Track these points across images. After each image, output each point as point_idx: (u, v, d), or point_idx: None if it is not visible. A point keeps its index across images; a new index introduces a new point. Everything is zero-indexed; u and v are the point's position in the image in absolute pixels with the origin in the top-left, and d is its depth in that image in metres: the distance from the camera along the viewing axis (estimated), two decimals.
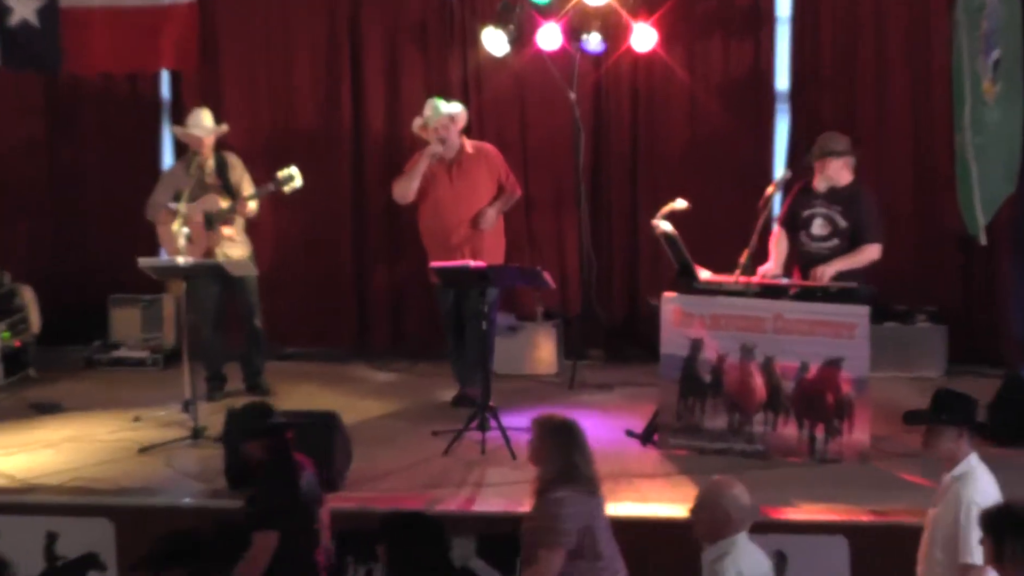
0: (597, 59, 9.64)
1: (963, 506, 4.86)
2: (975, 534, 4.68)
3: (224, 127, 9.06)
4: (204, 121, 8.94)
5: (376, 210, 10.08)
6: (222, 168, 8.93)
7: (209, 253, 8.80)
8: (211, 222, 8.82)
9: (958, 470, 4.97)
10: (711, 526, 4.86)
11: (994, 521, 4.35)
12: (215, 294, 8.85)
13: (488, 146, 8.75)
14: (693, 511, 4.92)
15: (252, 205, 8.84)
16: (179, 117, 9.81)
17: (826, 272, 7.71)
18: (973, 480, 4.93)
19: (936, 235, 9.50)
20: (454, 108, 8.59)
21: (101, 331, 10.18)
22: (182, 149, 9.77)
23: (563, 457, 5.35)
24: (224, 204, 8.84)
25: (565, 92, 9.44)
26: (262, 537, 5.51)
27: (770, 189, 7.87)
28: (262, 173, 9.28)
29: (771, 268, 7.98)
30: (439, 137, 8.46)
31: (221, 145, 9.09)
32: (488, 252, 8.50)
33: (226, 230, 8.85)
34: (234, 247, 8.91)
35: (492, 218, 8.54)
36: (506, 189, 8.67)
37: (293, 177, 8.71)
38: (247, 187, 8.97)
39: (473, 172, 8.54)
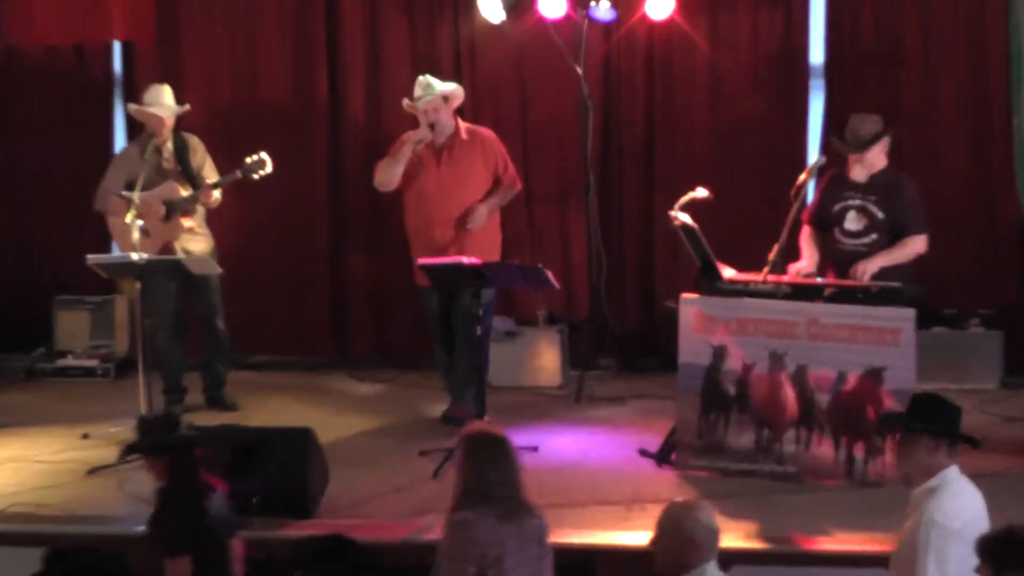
0: (607, 28, 9.71)
1: (922, 525, 4.89)
2: (934, 558, 4.74)
3: (186, 107, 9.12)
4: (164, 99, 8.98)
5: (356, 200, 10.14)
6: (182, 151, 8.98)
7: (167, 247, 8.85)
8: (170, 212, 8.88)
9: (930, 484, 5.02)
10: (675, 556, 4.86)
11: (993, 547, 4.40)
12: (173, 293, 8.90)
13: (485, 131, 8.76)
14: (654, 541, 4.93)
15: (216, 194, 8.90)
16: (133, 94, 9.87)
17: (867, 269, 7.74)
18: (942, 497, 4.96)
19: (992, 230, 9.57)
20: (448, 87, 8.62)
21: (44, 337, 10.24)
22: (135, 131, 9.84)
23: (478, 475, 5.38)
24: (184, 192, 8.90)
25: (571, 66, 9.50)
26: (174, 564, 5.59)
27: (803, 176, 7.89)
28: (225, 157, 9.34)
29: (804, 266, 8.01)
30: (428, 120, 8.49)
31: (180, 126, 9.13)
32: (480, 252, 8.44)
33: (186, 221, 8.90)
34: (195, 240, 8.96)
35: (482, 217, 8.52)
36: (503, 182, 8.66)
37: (264, 163, 8.77)
38: (210, 173, 9.03)
39: (465, 160, 8.55)
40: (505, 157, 8.70)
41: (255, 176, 8.83)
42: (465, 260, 8.03)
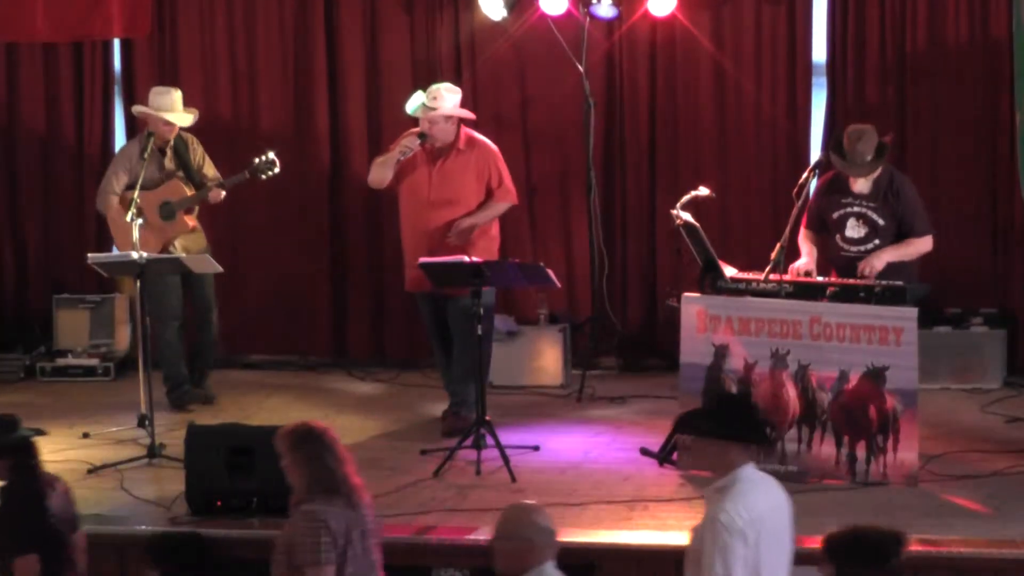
0: (609, 25, 9.73)
1: (707, 523, 4.97)
2: (718, 555, 4.83)
3: (195, 114, 9.14)
4: (178, 106, 9.02)
5: (356, 199, 10.15)
6: (182, 151, 9.03)
7: (167, 246, 8.91)
8: (173, 212, 8.91)
9: (720, 483, 5.08)
10: (514, 557, 4.99)
11: (837, 547, 4.45)
12: (176, 289, 8.98)
13: (484, 143, 8.61)
14: (493, 541, 5.06)
15: (222, 193, 8.96)
16: (132, 92, 9.89)
17: (874, 266, 7.74)
18: (728, 496, 5.02)
19: (996, 229, 9.58)
20: (454, 109, 8.44)
21: (44, 337, 10.26)
22: (134, 129, 9.88)
23: (315, 467, 5.54)
24: (188, 192, 8.95)
25: (573, 63, 9.52)
26: (24, 562, 5.76)
27: (805, 175, 7.90)
28: (224, 156, 9.38)
29: (805, 263, 8.02)
30: (421, 130, 8.45)
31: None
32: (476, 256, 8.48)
33: (190, 220, 8.96)
34: (193, 239, 9.02)
35: (465, 232, 8.41)
36: (496, 195, 8.54)
37: (274, 163, 8.83)
38: (210, 171, 9.08)
39: (457, 172, 8.47)
40: (500, 169, 8.57)
41: (263, 176, 8.88)
42: (466, 258, 8.03)
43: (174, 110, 8.98)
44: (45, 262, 10.52)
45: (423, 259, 8.19)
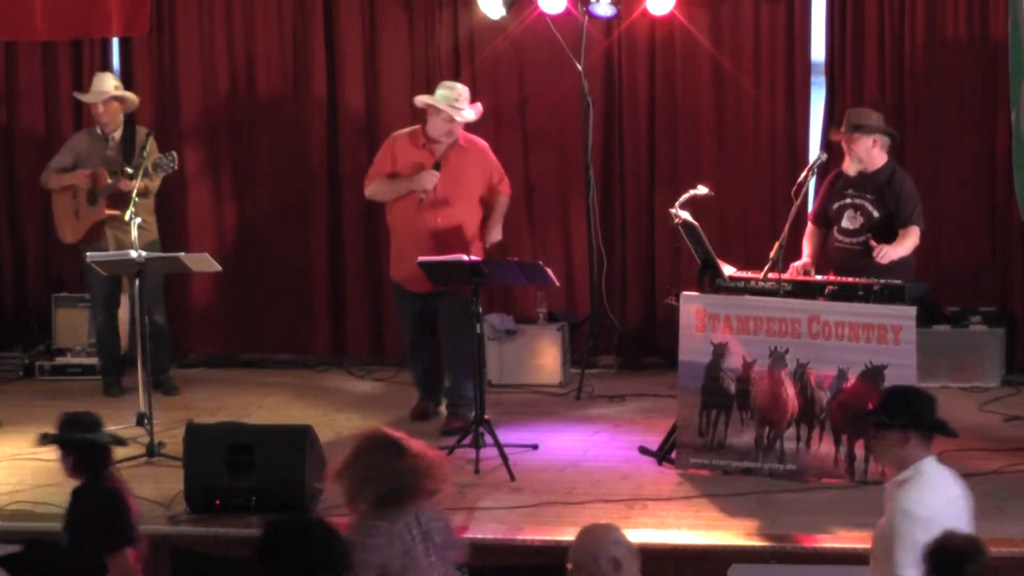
0: (608, 24, 9.75)
1: (896, 515, 4.99)
2: (907, 547, 4.83)
3: (131, 97, 9.38)
4: (103, 85, 9.25)
5: (354, 197, 10.13)
6: (127, 140, 9.14)
7: (94, 231, 9.19)
8: (94, 197, 9.01)
9: (902, 475, 5.09)
10: None
11: (929, 553, 4.50)
12: (115, 280, 9.24)
13: (480, 141, 8.70)
14: (576, 570, 4.85)
15: (138, 183, 8.88)
16: (130, 90, 9.89)
17: (888, 253, 7.74)
18: (912, 487, 5.04)
19: (994, 227, 9.59)
20: (473, 115, 8.51)
21: (43, 335, 10.27)
22: (133, 129, 9.88)
23: (378, 477, 5.22)
24: (109, 180, 9.12)
25: (572, 62, 9.54)
26: (121, 558, 5.69)
27: (804, 174, 7.92)
28: (223, 152, 9.39)
29: (805, 263, 8.07)
30: (436, 161, 8.40)
31: (135, 117, 9.42)
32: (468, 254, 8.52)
33: (110, 211, 9.12)
34: (128, 230, 8.95)
35: (498, 233, 8.65)
36: (499, 191, 8.65)
37: (173, 160, 8.90)
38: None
39: (462, 171, 8.52)
40: (498, 166, 8.70)
41: (163, 173, 9.01)
42: (465, 257, 8.06)
43: (97, 90, 9.23)
44: (44, 261, 10.53)
45: (422, 258, 8.21)
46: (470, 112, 8.48)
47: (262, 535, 4.57)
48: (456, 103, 8.40)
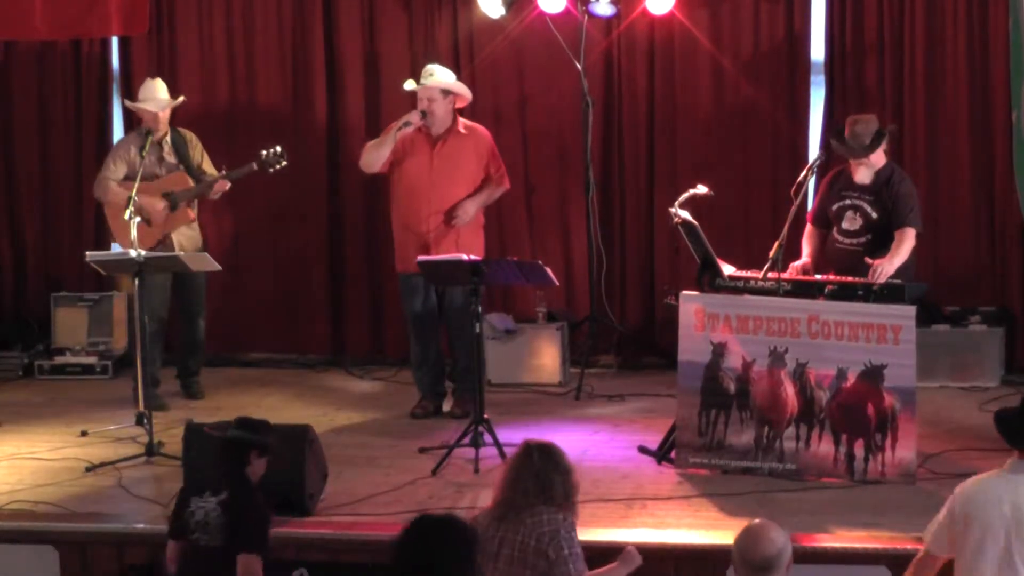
0: (607, 24, 9.75)
1: None
2: None
3: (180, 99, 9.26)
4: (157, 93, 9.08)
5: (354, 196, 10.18)
6: (180, 146, 9.09)
7: (166, 239, 8.95)
8: (176, 202, 8.96)
9: None
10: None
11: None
12: (162, 291, 9.06)
13: (480, 128, 8.81)
14: (751, 570, 4.81)
15: (227, 185, 8.99)
16: (130, 89, 9.91)
17: (885, 270, 7.72)
18: None
19: (994, 226, 9.59)
20: (450, 83, 8.65)
21: (43, 335, 10.28)
22: (132, 127, 9.90)
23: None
24: (190, 184, 9.01)
25: (571, 61, 9.54)
26: (252, 560, 5.76)
27: (803, 174, 7.91)
28: (222, 152, 9.39)
29: (805, 263, 8.07)
30: (421, 108, 8.53)
31: (175, 121, 9.26)
32: (465, 244, 8.55)
33: (191, 211, 9.03)
34: (189, 235, 9.05)
35: (470, 213, 8.60)
36: (492, 180, 8.72)
37: (282, 157, 8.89)
38: (209, 168, 9.13)
39: (458, 155, 8.60)
40: (497, 155, 8.76)
41: (271, 170, 8.92)
42: (465, 257, 8.07)
43: (154, 97, 9.04)
44: (43, 260, 10.54)
45: (421, 257, 8.24)
46: (441, 75, 8.52)
47: (404, 533, 4.58)
48: (430, 77, 8.51)
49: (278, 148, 8.90)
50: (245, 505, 5.87)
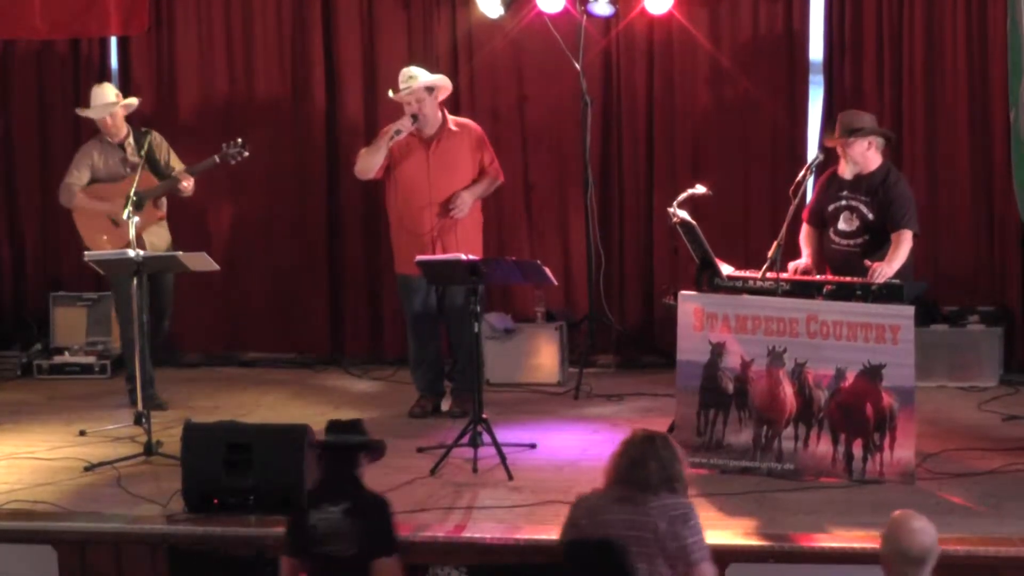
0: (606, 23, 9.75)
1: None
2: None
3: (132, 100, 9.21)
4: (105, 98, 9.07)
5: (353, 195, 10.17)
6: (144, 145, 9.09)
7: (135, 239, 8.98)
8: (141, 202, 8.94)
9: None
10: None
11: None
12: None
13: (472, 124, 8.83)
14: (907, 566, 4.97)
15: (191, 181, 8.96)
16: (128, 89, 9.90)
17: (885, 272, 7.71)
18: None
19: (993, 226, 9.59)
20: (431, 78, 8.66)
21: (41, 334, 10.27)
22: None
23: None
24: (155, 182, 9.01)
25: (570, 61, 9.53)
26: (392, 564, 5.94)
27: (802, 173, 7.91)
28: (220, 150, 9.37)
29: (804, 263, 8.06)
30: (410, 111, 8.53)
31: (136, 121, 9.26)
32: (463, 239, 8.58)
33: (157, 211, 9.03)
34: (159, 233, 9.01)
35: (467, 203, 8.61)
36: (488, 172, 8.74)
37: (242, 149, 8.87)
38: (177, 164, 9.14)
39: (453, 152, 8.62)
40: (489, 148, 8.78)
41: (232, 162, 8.91)
42: (463, 256, 8.07)
43: (99, 105, 9.03)
44: (42, 260, 10.54)
45: (420, 257, 8.24)
46: (421, 75, 8.53)
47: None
48: (410, 81, 8.53)
49: (239, 140, 8.88)
50: (372, 510, 5.96)
